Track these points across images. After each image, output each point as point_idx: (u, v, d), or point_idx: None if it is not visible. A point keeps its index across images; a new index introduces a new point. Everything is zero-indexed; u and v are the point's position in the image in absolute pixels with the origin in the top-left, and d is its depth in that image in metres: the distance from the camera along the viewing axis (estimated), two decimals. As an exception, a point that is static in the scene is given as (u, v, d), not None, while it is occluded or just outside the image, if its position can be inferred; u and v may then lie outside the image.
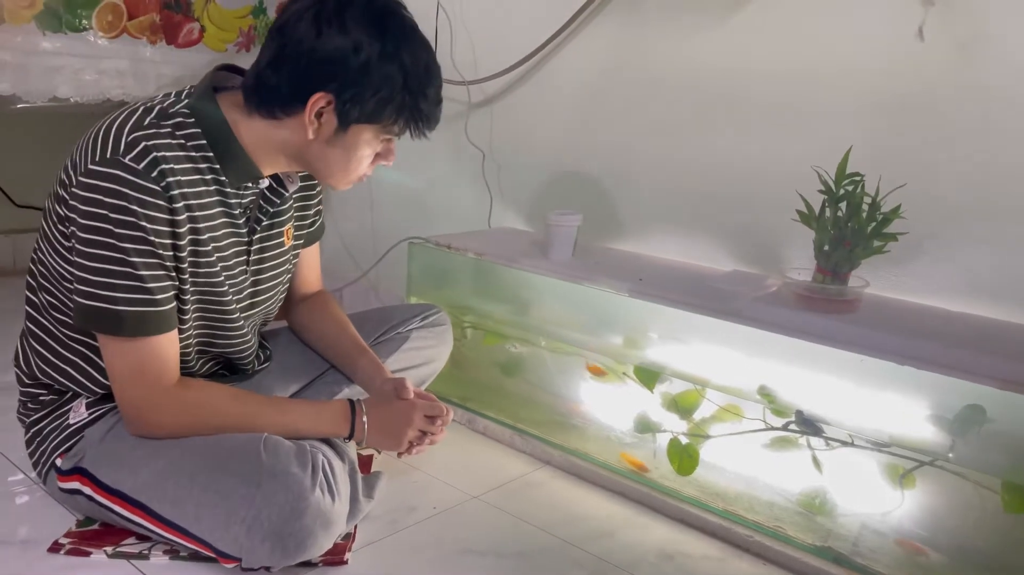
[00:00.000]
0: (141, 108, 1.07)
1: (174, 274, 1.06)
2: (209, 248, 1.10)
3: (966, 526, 1.14)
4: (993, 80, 1.25)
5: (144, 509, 1.09)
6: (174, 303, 1.08)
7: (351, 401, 1.21)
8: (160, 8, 1.88)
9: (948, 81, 1.29)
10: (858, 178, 1.25)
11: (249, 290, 1.21)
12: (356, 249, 2.31)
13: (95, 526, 1.16)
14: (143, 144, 1.01)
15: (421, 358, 1.47)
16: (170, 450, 1.09)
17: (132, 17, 1.84)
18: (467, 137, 1.97)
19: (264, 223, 1.19)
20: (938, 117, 1.30)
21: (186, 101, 1.08)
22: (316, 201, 1.33)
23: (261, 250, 1.21)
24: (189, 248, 1.07)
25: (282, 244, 1.25)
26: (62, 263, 1.08)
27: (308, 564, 1.11)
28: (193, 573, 1.09)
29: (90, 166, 1.00)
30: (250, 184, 1.15)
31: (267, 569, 1.07)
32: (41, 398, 1.19)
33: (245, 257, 1.18)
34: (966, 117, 1.28)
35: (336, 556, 1.14)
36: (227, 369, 1.29)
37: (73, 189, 1.01)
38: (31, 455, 1.20)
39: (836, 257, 1.27)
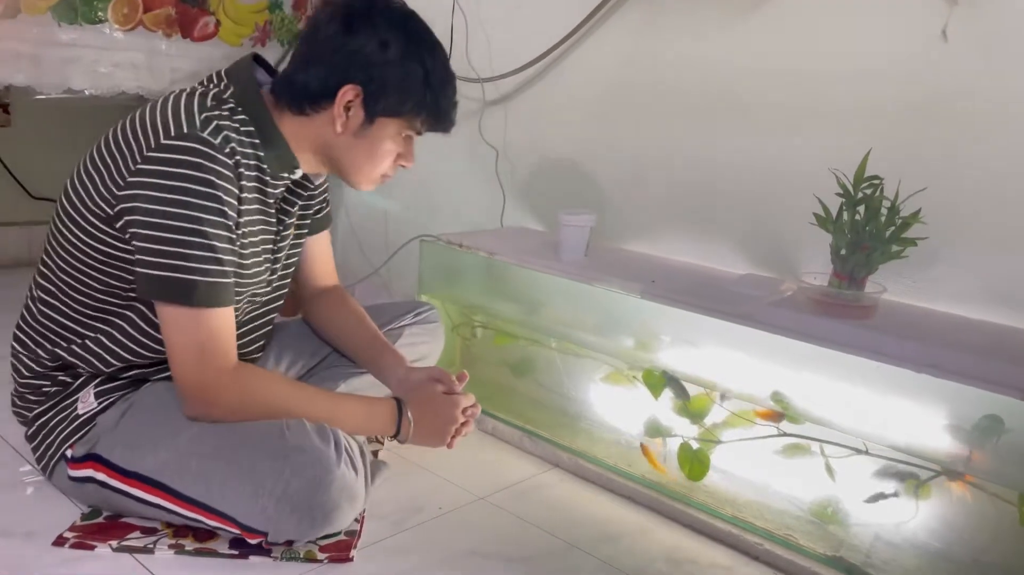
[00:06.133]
0: (197, 92, 1.10)
1: (236, 248, 1.09)
2: (243, 231, 1.12)
3: (982, 538, 1.12)
4: (1017, 82, 1.22)
5: (164, 488, 1.09)
6: (234, 279, 1.10)
7: (397, 400, 1.23)
8: (176, 2, 1.88)
9: (971, 83, 1.26)
10: (877, 181, 1.23)
11: (269, 278, 1.23)
12: (369, 245, 2.30)
13: (100, 519, 1.16)
14: (216, 123, 1.06)
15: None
16: (190, 428, 1.10)
17: (148, 10, 1.84)
18: (481, 135, 1.96)
19: (292, 212, 1.22)
20: (960, 120, 1.28)
21: (232, 90, 1.12)
22: (321, 190, 1.35)
23: (283, 239, 1.23)
24: (238, 229, 1.10)
25: (292, 235, 1.27)
26: (94, 243, 1.10)
27: (314, 560, 1.11)
28: (197, 567, 1.08)
29: (164, 141, 1.04)
30: (284, 175, 1.17)
31: (289, 544, 1.09)
32: (45, 389, 1.19)
33: (271, 246, 1.20)
34: (989, 120, 1.25)
35: (342, 553, 1.13)
36: None
37: (141, 166, 1.04)
38: (35, 449, 1.20)
39: (853, 262, 1.25)
